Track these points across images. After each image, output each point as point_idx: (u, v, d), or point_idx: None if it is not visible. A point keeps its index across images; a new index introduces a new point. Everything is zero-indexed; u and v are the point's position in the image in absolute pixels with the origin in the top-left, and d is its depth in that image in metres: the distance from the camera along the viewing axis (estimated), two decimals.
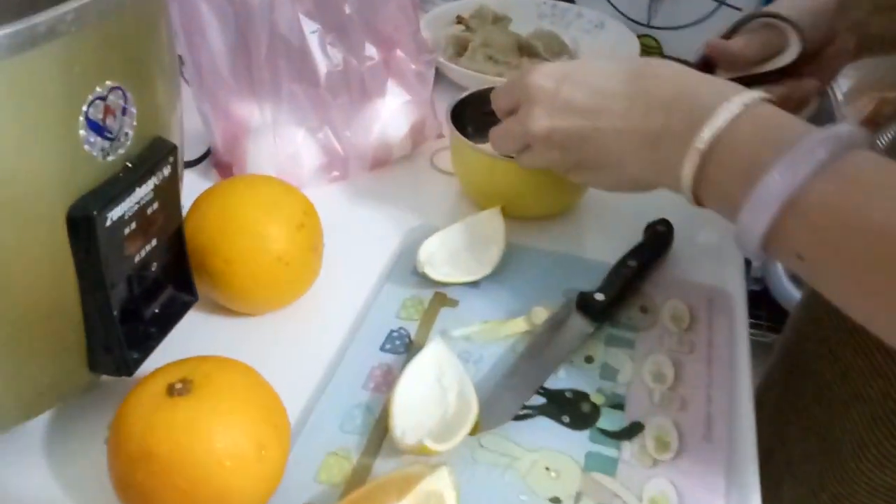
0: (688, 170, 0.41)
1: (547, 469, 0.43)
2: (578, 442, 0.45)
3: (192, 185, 0.51)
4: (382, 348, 0.50)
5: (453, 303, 0.54)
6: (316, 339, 0.51)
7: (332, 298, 0.54)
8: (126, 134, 0.38)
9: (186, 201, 0.47)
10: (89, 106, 0.35)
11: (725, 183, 0.40)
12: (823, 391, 0.63)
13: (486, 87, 0.66)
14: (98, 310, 0.39)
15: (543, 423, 0.46)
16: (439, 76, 0.73)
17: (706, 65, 0.55)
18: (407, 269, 0.56)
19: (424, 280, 0.54)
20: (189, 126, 0.48)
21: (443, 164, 0.69)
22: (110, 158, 0.37)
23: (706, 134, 0.39)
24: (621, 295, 0.53)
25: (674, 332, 0.52)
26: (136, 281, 0.42)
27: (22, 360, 0.39)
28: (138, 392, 0.38)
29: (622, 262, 0.55)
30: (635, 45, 0.81)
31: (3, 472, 0.43)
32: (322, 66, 0.61)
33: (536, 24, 0.87)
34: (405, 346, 0.50)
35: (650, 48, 0.84)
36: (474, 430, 0.44)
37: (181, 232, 0.45)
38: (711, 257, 0.59)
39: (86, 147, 0.35)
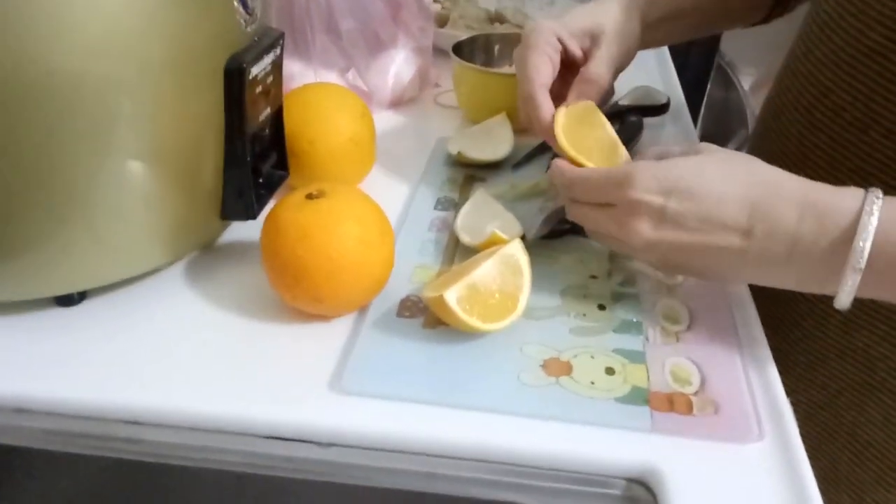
0: (848, 290, 0.42)
1: (582, 262, 0.57)
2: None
3: None
4: (435, 207, 0.63)
5: (482, 179, 0.67)
6: (381, 204, 0.64)
7: (387, 180, 0.67)
8: (256, 13, 0.50)
9: None
10: None
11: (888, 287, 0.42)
12: None
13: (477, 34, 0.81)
14: (237, 154, 0.51)
15: (573, 238, 0.59)
16: None
17: None
18: (440, 162, 0.70)
19: (456, 167, 0.68)
20: None
21: (446, 102, 0.83)
22: (248, 29, 0.50)
23: (862, 253, 0.40)
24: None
25: None
26: (258, 140, 0.54)
27: (174, 202, 0.50)
28: (283, 202, 0.49)
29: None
30: None
31: (155, 305, 0.53)
32: (343, 23, 0.75)
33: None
34: (452, 205, 0.63)
35: None
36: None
37: (281, 112, 0.57)
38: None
39: (237, 16, 0.48)
